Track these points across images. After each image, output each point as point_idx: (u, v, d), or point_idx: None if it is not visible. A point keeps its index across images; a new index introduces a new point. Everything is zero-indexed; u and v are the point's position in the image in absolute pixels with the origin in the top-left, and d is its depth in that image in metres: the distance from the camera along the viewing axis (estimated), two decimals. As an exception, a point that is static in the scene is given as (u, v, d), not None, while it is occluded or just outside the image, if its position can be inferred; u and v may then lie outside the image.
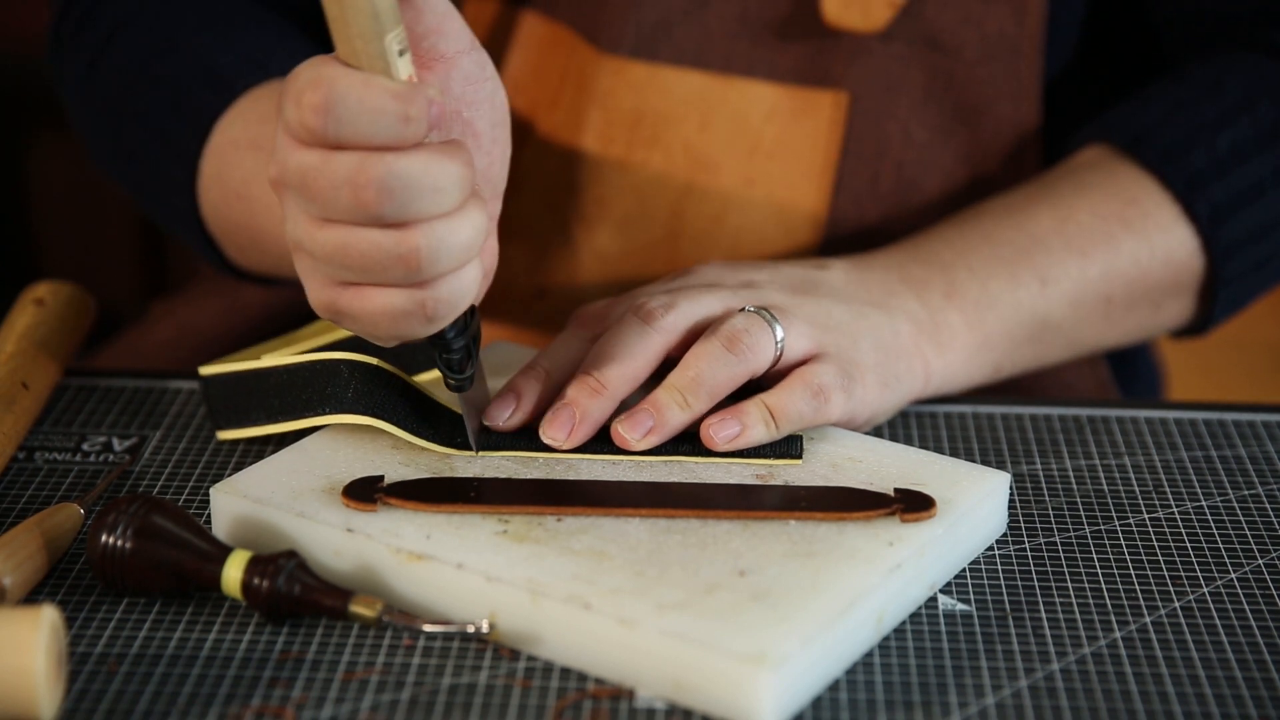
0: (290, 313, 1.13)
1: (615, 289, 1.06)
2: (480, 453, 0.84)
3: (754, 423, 0.85)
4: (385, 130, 0.73)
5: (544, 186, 1.07)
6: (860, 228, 1.05)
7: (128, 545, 0.77)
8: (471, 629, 0.75)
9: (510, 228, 1.06)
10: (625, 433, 0.84)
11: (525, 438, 0.85)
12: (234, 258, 1.03)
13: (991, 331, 0.95)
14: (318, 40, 1.02)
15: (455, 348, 0.81)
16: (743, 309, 0.87)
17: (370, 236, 0.75)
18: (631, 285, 1.06)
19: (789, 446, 0.85)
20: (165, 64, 1.00)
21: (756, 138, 1.04)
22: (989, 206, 1.00)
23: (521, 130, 1.07)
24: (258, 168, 0.95)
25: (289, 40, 1.03)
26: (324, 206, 0.75)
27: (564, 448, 0.85)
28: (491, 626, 0.75)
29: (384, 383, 0.85)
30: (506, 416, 0.85)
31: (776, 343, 0.86)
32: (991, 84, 1.04)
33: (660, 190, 1.05)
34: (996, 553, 0.83)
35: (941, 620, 0.79)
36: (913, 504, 0.80)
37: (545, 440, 0.84)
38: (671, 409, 0.85)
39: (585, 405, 0.85)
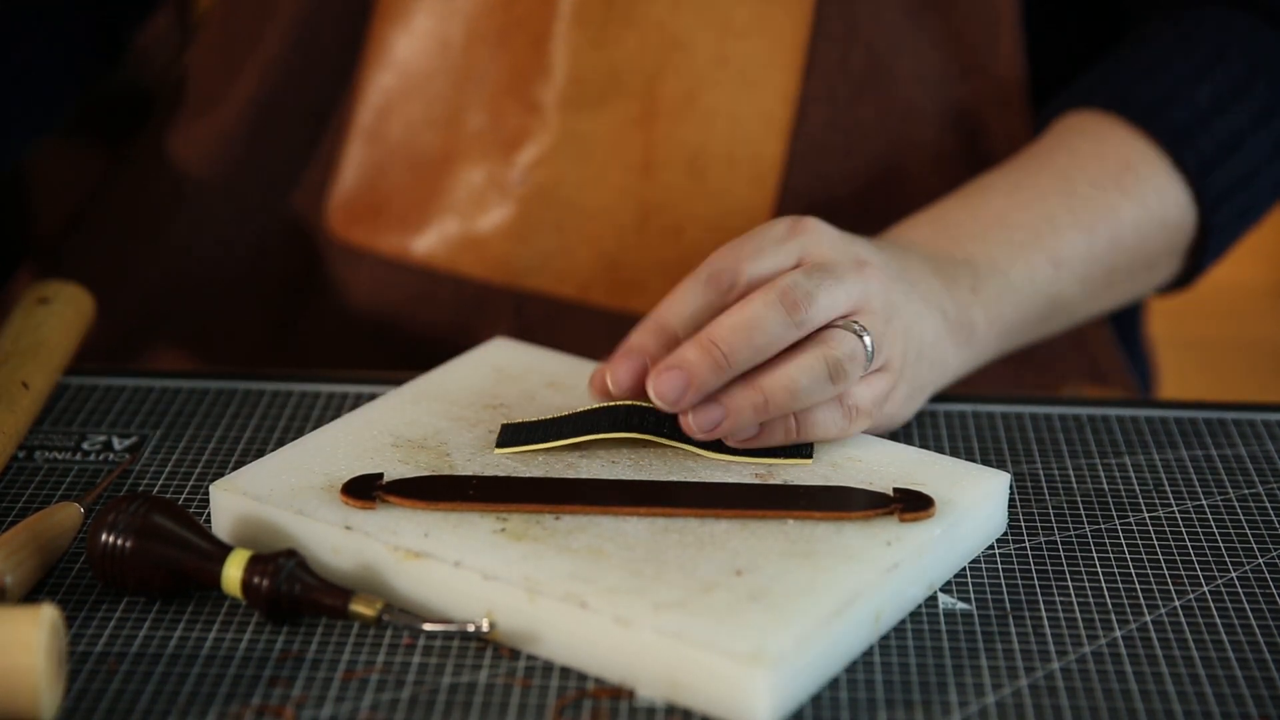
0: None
1: (593, 169, 1.07)
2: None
3: (776, 431, 0.84)
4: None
5: (511, 75, 1.08)
6: (832, 105, 1.07)
7: (128, 544, 0.77)
8: (471, 628, 0.75)
9: (479, 119, 1.07)
10: (696, 424, 0.83)
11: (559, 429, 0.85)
12: None
13: (1010, 322, 0.96)
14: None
15: None
16: (855, 327, 0.84)
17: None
18: (607, 164, 1.08)
19: (801, 446, 0.85)
20: None
21: (728, 17, 1.05)
22: (993, 183, 1.00)
23: (490, 21, 1.08)
24: None
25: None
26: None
27: (670, 409, 0.83)
28: (492, 625, 0.75)
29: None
30: (628, 377, 0.84)
31: (864, 371, 0.85)
32: None
33: (634, 69, 1.06)
34: (996, 552, 0.83)
35: (942, 619, 0.79)
36: (912, 504, 0.80)
37: (652, 395, 0.82)
38: (748, 411, 0.83)
39: (704, 377, 0.82)
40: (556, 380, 0.92)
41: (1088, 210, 0.98)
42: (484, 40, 1.09)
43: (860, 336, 0.84)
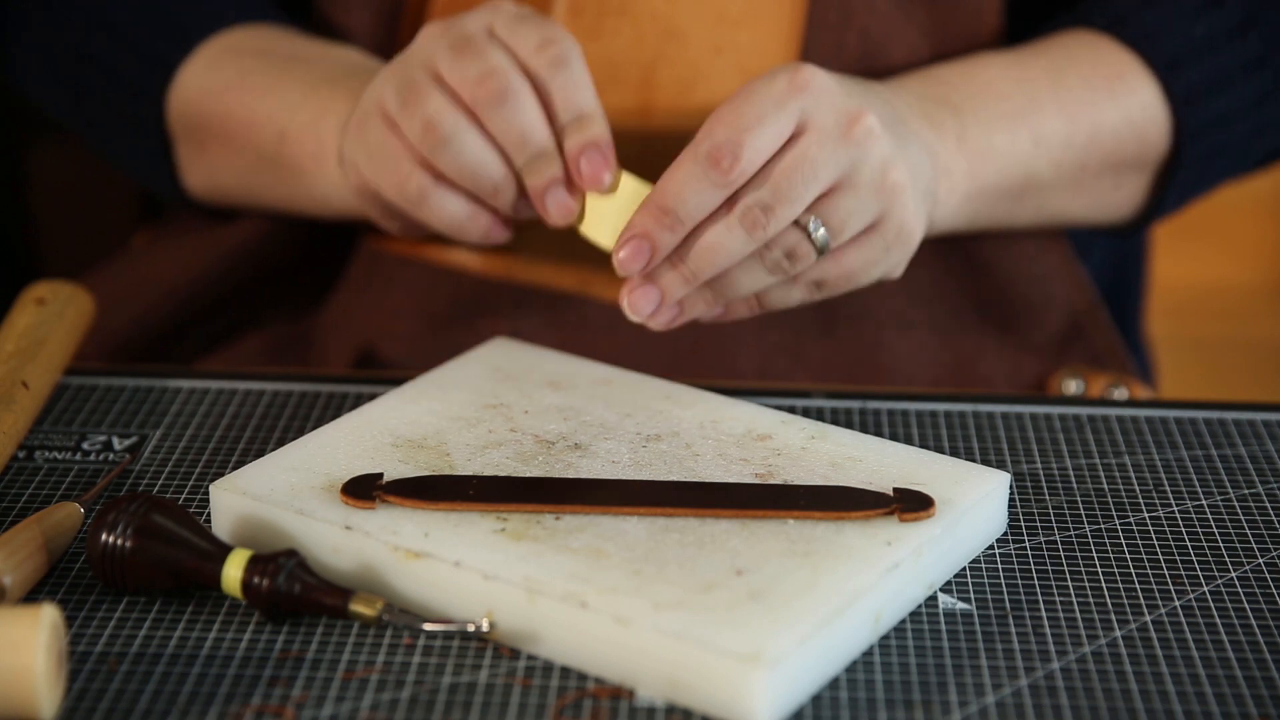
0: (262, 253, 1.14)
1: None
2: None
3: (737, 309, 0.91)
4: None
5: None
6: None
7: (128, 544, 0.77)
8: (471, 628, 0.75)
9: None
10: (633, 307, 0.88)
11: None
12: (186, 166, 1.08)
13: (986, 183, 0.99)
14: None
15: None
16: (811, 224, 0.88)
17: None
18: None
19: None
20: None
21: (723, 7, 1.06)
22: (986, 58, 1.03)
23: None
24: (262, 66, 1.02)
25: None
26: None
27: (637, 319, 0.88)
28: (492, 625, 0.75)
29: None
30: (638, 265, 0.87)
31: (811, 260, 0.88)
32: None
33: (630, 60, 1.07)
34: (996, 552, 0.83)
35: (942, 619, 0.79)
36: (911, 504, 0.80)
37: (625, 306, 0.88)
38: (678, 286, 0.88)
39: (672, 292, 0.88)
40: (556, 380, 0.92)
41: (1074, 101, 1.01)
42: None
43: (809, 233, 0.87)
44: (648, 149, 1.08)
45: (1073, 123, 1.01)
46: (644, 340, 1.09)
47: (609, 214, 0.89)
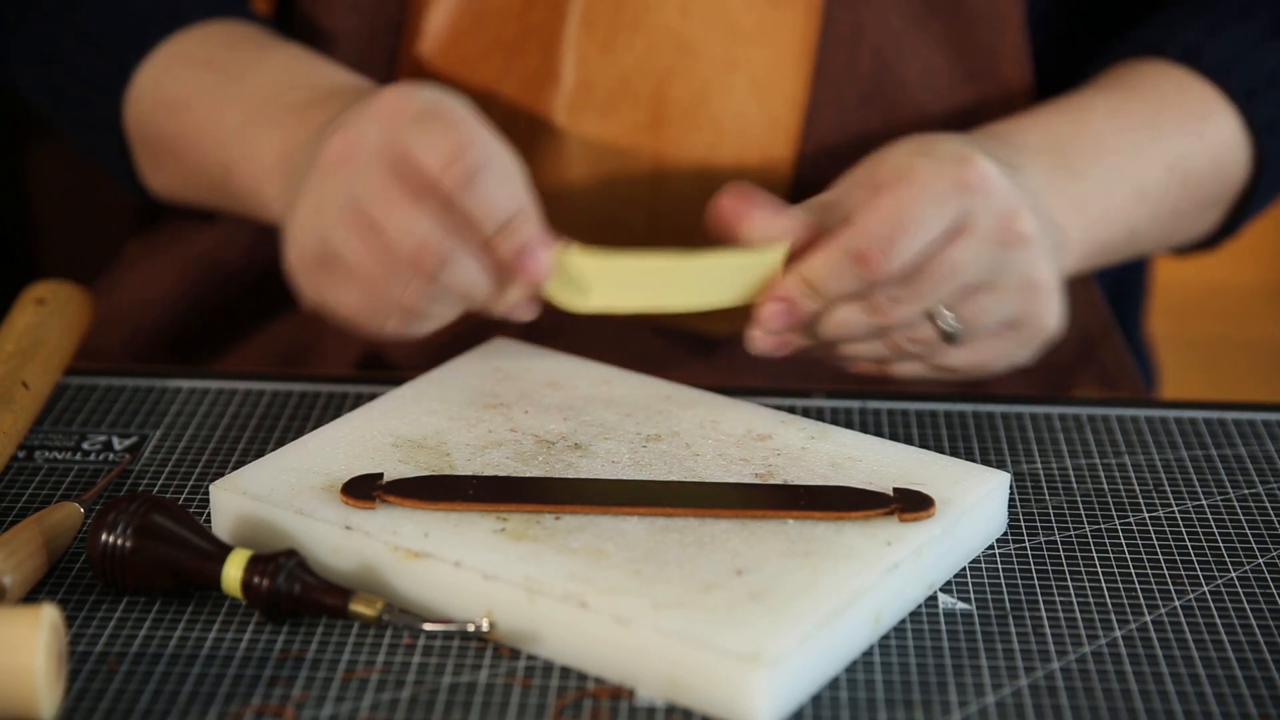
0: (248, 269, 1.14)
1: (602, 175, 1.08)
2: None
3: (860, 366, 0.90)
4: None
5: (524, 83, 1.08)
6: (840, 110, 1.07)
7: (128, 544, 0.77)
8: (471, 628, 0.75)
9: (494, 127, 1.08)
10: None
11: None
12: (146, 173, 1.07)
13: (1096, 246, 0.98)
14: None
15: None
16: (946, 317, 0.87)
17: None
18: (617, 172, 1.08)
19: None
20: None
21: (736, 22, 1.06)
22: (1092, 102, 1.01)
23: (505, 28, 1.08)
24: (206, 84, 1.00)
25: None
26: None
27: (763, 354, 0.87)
28: (492, 625, 0.75)
29: None
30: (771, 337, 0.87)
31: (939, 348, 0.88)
32: None
33: (642, 75, 1.07)
34: (996, 552, 0.83)
35: (942, 619, 0.78)
36: (911, 503, 0.80)
37: (753, 340, 0.87)
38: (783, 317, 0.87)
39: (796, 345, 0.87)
40: (556, 380, 0.92)
41: (1170, 147, 1.00)
42: (501, 47, 1.08)
43: (942, 324, 0.86)
44: (659, 164, 1.08)
45: (1170, 171, 1.00)
46: (644, 339, 1.09)
47: (574, 282, 0.87)
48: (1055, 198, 0.94)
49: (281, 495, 0.81)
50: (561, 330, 1.08)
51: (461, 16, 1.09)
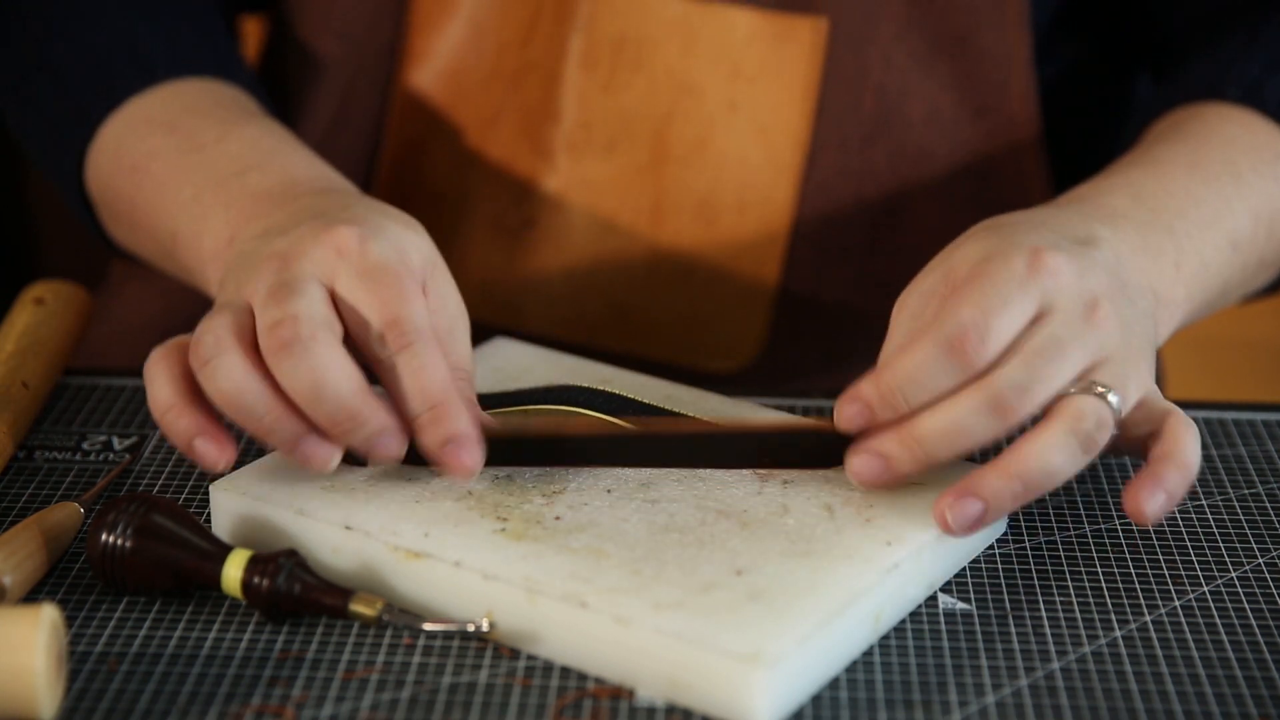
0: None
1: (602, 214, 1.07)
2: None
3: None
4: None
5: (524, 118, 1.08)
6: (842, 150, 1.06)
7: (128, 544, 0.77)
8: (471, 628, 0.75)
9: (494, 159, 1.07)
10: (954, 521, 0.79)
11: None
12: (108, 226, 1.05)
13: (1197, 300, 0.94)
14: (236, 35, 1.06)
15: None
16: (1097, 389, 0.80)
17: None
18: (617, 211, 1.07)
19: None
20: (87, 33, 1.03)
21: (738, 62, 1.05)
22: (1171, 156, 0.97)
23: (506, 60, 1.07)
24: (166, 150, 0.97)
25: (215, 38, 1.05)
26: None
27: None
28: (492, 625, 0.75)
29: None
30: (853, 426, 0.80)
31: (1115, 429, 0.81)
32: (973, 13, 1.05)
33: (645, 115, 1.06)
34: (996, 552, 0.83)
35: (942, 619, 0.79)
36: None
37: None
38: (1007, 500, 0.79)
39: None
40: (556, 380, 0.92)
41: (1253, 194, 0.97)
42: (500, 79, 1.08)
43: (1104, 398, 0.80)
44: (659, 204, 1.07)
45: (1256, 219, 0.97)
46: (644, 339, 1.09)
47: None
48: (1150, 258, 0.89)
49: (281, 495, 0.81)
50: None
51: (462, 45, 1.08)
